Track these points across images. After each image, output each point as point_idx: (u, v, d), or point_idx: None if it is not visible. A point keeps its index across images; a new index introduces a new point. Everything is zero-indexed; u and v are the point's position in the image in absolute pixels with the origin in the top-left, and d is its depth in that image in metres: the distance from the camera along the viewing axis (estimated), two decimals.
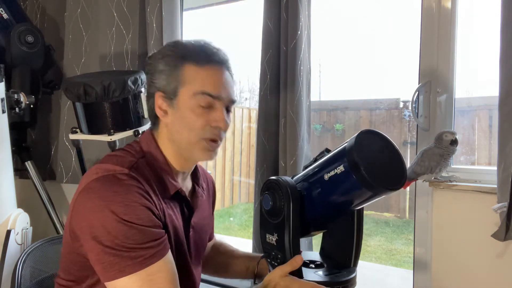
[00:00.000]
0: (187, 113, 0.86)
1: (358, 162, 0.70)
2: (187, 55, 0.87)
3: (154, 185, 0.85)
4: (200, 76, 0.86)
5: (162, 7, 1.80)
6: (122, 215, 0.76)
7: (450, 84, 1.41)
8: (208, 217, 1.07)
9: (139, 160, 0.86)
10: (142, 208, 0.78)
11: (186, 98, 0.86)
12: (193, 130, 0.85)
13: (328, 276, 0.83)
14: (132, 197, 0.78)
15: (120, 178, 0.79)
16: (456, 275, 1.35)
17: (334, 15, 3.62)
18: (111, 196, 0.78)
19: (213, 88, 0.86)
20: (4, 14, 1.90)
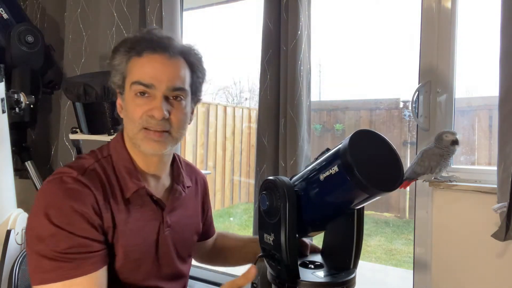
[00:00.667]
0: (129, 104, 0.87)
1: (351, 163, 0.69)
2: (132, 47, 0.87)
3: (110, 189, 0.85)
4: (137, 66, 0.86)
5: (162, 7, 1.80)
6: (54, 219, 0.77)
7: (450, 84, 1.41)
8: (194, 215, 1.06)
9: (99, 162, 0.88)
10: (78, 216, 0.78)
11: (127, 90, 0.87)
12: (134, 121, 0.86)
13: (327, 277, 0.82)
14: (70, 203, 0.78)
15: (65, 181, 0.80)
16: (456, 275, 1.35)
17: (334, 15, 3.62)
18: (50, 198, 0.79)
19: (146, 76, 0.85)
20: (4, 14, 1.90)
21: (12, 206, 1.63)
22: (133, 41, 0.88)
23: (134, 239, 0.87)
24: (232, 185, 5.16)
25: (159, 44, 0.87)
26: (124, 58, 0.88)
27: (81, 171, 0.84)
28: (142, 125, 0.85)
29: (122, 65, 0.88)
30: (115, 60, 0.89)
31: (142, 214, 0.89)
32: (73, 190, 0.80)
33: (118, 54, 0.89)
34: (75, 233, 0.77)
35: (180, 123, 0.88)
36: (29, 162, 1.95)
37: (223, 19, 4.04)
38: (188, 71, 0.91)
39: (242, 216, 4.95)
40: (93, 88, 1.51)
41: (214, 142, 4.85)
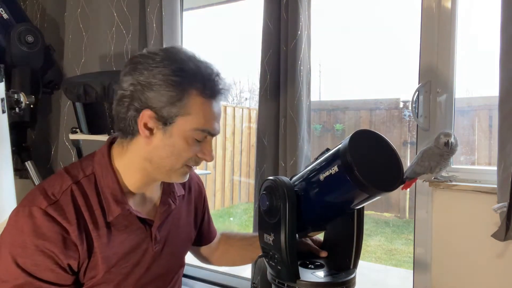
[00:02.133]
0: (180, 141, 0.81)
1: (351, 163, 0.69)
2: (196, 81, 0.80)
3: (89, 214, 0.80)
4: (203, 111, 0.81)
5: (162, 7, 1.80)
6: (19, 259, 0.74)
7: (450, 84, 1.41)
8: (186, 224, 1.03)
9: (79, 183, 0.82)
10: (44, 257, 0.75)
11: (183, 128, 0.80)
12: (181, 158, 0.83)
13: (327, 277, 0.82)
14: (36, 241, 0.75)
15: (33, 216, 0.76)
16: (456, 275, 1.35)
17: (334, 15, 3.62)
18: (17, 235, 0.76)
19: (213, 125, 0.84)
20: (4, 14, 1.90)
21: (12, 206, 1.61)
22: (198, 76, 0.80)
23: (118, 262, 0.84)
24: (232, 185, 5.16)
25: (223, 93, 0.85)
26: (180, 92, 0.79)
27: (52, 200, 0.78)
28: (188, 163, 0.85)
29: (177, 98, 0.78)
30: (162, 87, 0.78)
31: (128, 235, 0.86)
32: (40, 227, 0.75)
33: (171, 83, 0.78)
34: (38, 277, 0.75)
35: None
36: (29, 162, 1.95)
37: (223, 19, 4.04)
38: None
39: (242, 216, 4.95)
40: (93, 88, 1.51)
41: (214, 142, 4.84)
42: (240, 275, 1.89)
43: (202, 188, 1.12)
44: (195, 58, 0.83)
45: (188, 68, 0.80)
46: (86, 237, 0.80)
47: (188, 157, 0.84)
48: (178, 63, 0.80)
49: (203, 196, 1.12)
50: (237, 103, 5.94)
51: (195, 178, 1.11)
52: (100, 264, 0.82)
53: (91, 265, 0.81)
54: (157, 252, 0.92)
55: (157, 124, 0.80)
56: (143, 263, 0.90)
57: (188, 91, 0.79)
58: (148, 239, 0.90)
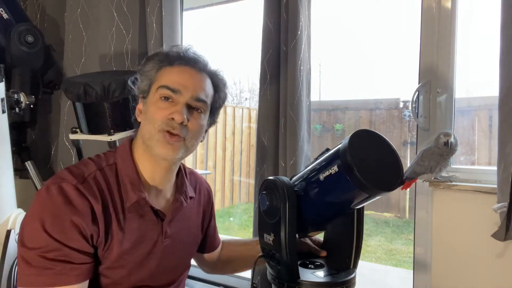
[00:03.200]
0: (151, 107, 0.90)
1: (351, 163, 0.70)
2: (165, 58, 0.92)
3: (110, 199, 0.86)
4: (166, 73, 0.91)
5: (162, 7, 1.80)
6: (48, 227, 0.78)
7: (450, 84, 1.41)
8: (195, 226, 1.07)
9: (102, 170, 0.89)
10: (72, 226, 0.80)
11: (152, 94, 0.91)
12: (153, 123, 0.88)
13: (327, 277, 0.82)
14: (66, 212, 0.79)
15: (64, 189, 0.81)
16: (456, 275, 1.35)
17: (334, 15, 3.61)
18: (47, 205, 0.80)
19: (174, 82, 0.89)
20: (4, 14, 1.90)
21: (12, 206, 1.62)
22: (166, 53, 0.93)
23: (130, 248, 0.88)
24: (232, 185, 5.16)
25: (191, 59, 0.92)
26: (155, 66, 0.92)
27: (81, 179, 0.85)
28: (162, 127, 0.87)
29: (152, 71, 0.92)
30: (146, 67, 0.93)
31: (142, 224, 0.90)
32: (71, 199, 0.81)
33: (151, 62, 0.93)
34: (65, 244, 0.79)
35: (196, 132, 0.91)
36: (29, 162, 1.95)
37: (223, 19, 4.04)
38: (212, 89, 0.95)
39: (242, 216, 4.95)
40: (93, 88, 1.51)
41: (214, 142, 4.85)
42: (240, 275, 1.89)
43: (211, 195, 1.15)
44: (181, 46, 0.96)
45: (162, 51, 0.96)
46: (106, 217, 0.85)
47: (159, 119, 0.87)
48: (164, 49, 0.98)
49: (211, 203, 1.15)
50: (237, 103, 5.94)
51: (205, 185, 1.14)
52: (114, 247, 0.86)
53: (107, 245, 0.85)
54: (166, 247, 0.95)
55: (142, 102, 0.94)
56: (154, 255, 0.93)
57: (156, 65, 0.92)
58: (159, 232, 0.93)
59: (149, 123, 0.89)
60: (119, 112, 1.56)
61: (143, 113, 0.92)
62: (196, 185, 1.09)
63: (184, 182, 1.01)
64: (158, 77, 0.91)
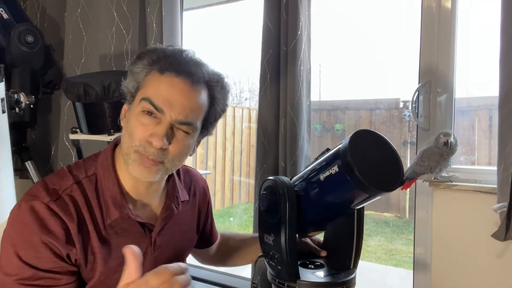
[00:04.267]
0: (133, 118, 0.80)
1: (351, 163, 0.69)
2: (157, 60, 0.80)
3: (89, 215, 0.80)
4: (154, 82, 0.79)
5: (162, 7, 1.80)
6: (20, 251, 0.75)
7: (450, 84, 1.41)
8: (189, 230, 1.01)
9: (80, 183, 0.82)
10: (45, 249, 0.75)
11: (136, 101, 0.81)
12: (132, 140, 0.79)
13: (327, 277, 0.82)
14: (38, 234, 0.75)
15: (35, 208, 0.76)
16: (456, 275, 1.35)
17: (334, 15, 3.62)
18: (18, 227, 0.77)
19: (159, 98, 0.77)
20: (4, 14, 1.90)
21: (12, 206, 1.62)
22: (161, 55, 0.81)
23: (117, 265, 0.81)
24: (232, 185, 5.16)
25: (185, 67, 0.79)
26: (145, 68, 0.81)
27: (55, 196, 0.78)
28: (138, 150, 0.78)
29: (140, 74, 0.81)
30: (136, 67, 0.82)
31: (127, 238, 0.83)
32: (42, 219, 0.76)
33: (141, 62, 0.82)
34: (40, 268, 0.75)
35: (177, 155, 0.81)
36: (29, 162, 1.95)
37: (223, 19, 4.04)
38: (207, 104, 0.83)
39: (242, 216, 4.95)
40: (93, 88, 1.51)
41: (214, 142, 4.85)
42: (240, 275, 1.89)
43: (207, 192, 1.10)
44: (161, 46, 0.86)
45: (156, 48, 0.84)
46: (83, 236, 0.79)
47: (138, 137, 0.78)
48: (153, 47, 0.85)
49: (208, 199, 1.10)
50: (237, 103, 5.94)
51: (201, 182, 1.09)
52: (98, 266, 0.81)
53: (89, 265, 0.81)
54: (156, 258, 0.89)
55: (128, 107, 0.84)
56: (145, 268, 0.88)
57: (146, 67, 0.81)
58: (147, 244, 0.87)
59: (128, 137, 0.80)
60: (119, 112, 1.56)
61: (126, 118, 0.83)
62: (191, 185, 1.02)
63: (175, 187, 0.93)
64: (145, 82, 0.80)
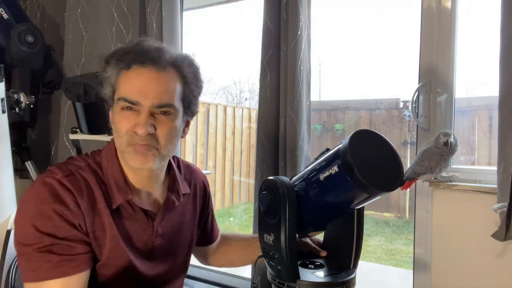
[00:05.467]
0: (116, 117, 0.85)
1: (351, 163, 0.69)
2: (120, 59, 0.84)
3: (99, 194, 0.85)
4: (125, 80, 0.84)
5: (162, 7, 1.80)
6: (35, 221, 0.78)
7: (450, 84, 1.41)
8: (190, 223, 1.04)
9: (90, 166, 0.87)
10: (60, 219, 0.79)
11: (115, 104, 0.86)
12: (120, 136, 0.84)
13: (327, 277, 0.82)
14: (52, 206, 0.79)
15: (48, 184, 0.81)
16: (456, 275, 1.35)
17: (334, 15, 3.62)
18: (33, 200, 0.81)
19: (131, 92, 0.82)
20: (4, 14, 1.90)
21: (12, 206, 1.62)
22: (122, 53, 0.85)
23: (122, 247, 0.87)
24: (232, 185, 5.16)
25: (148, 57, 0.83)
26: (114, 70, 0.85)
27: (67, 173, 0.83)
28: (128, 141, 0.83)
29: (112, 77, 0.86)
30: (106, 73, 0.87)
31: (131, 224, 0.89)
32: (54, 192, 0.80)
33: (109, 67, 0.86)
34: (56, 235, 0.78)
35: (167, 138, 0.85)
36: (29, 162, 1.95)
37: (223, 19, 4.05)
38: (180, 84, 0.86)
39: (242, 216, 4.95)
40: (93, 88, 1.51)
41: (214, 142, 4.86)
42: (240, 275, 1.90)
43: (207, 187, 1.12)
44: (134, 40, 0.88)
45: (116, 50, 0.87)
46: (95, 212, 0.84)
47: (124, 132, 0.83)
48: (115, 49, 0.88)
49: (208, 195, 1.12)
50: (237, 103, 5.95)
51: (201, 177, 1.11)
52: (108, 242, 0.85)
53: (99, 241, 0.85)
54: (158, 246, 0.93)
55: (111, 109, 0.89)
56: (146, 254, 0.92)
57: (114, 69, 0.85)
58: (150, 232, 0.92)
59: (118, 135, 0.85)
60: None
61: (113, 122, 0.88)
62: (191, 179, 1.05)
63: (176, 179, 0.97)
64: (118, 83, 0.85)
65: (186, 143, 4.46)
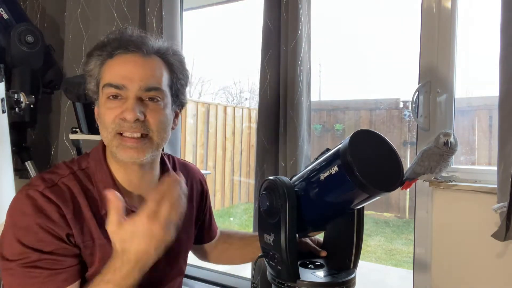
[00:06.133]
0: (102, 109, 0.82)
1: (351, 163, 0.69)
2: (103, 49, 0.83)
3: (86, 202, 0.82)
4: (109, 68, 0.82)
5: (162, 7, 1.80)
6: (20, 236, 0.76)
7: (450, 84, 1.41)
8: (187, 223, 1.01)
9: (75, 174, 0.84)
10: (45, 233, 0.77)
11: (100, 95, 0.83)
12: (107, 127, 0.81)
13: (327, 277, 0.82)
14: (36, 220, 0.77)
15: (31, 197, 0.78)
16: (456, 275, 1.35)
17: (334, 15, 3.62)
18: (17, 215, 0.78)
19: (117, 77, 0.80)
20: (4, 14, 1.90)
21: None
22: (105, 43, 0.83)
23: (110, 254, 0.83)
24: (232, 185, 5.16)
25: (131, 43, 0.82)
26: (97, 62, 0.83)
27: (50, 184, 0.81)
28: (116, 130, 0.80)
29: (95, 69, 0.84)
30: (89, 66, 0.84)
31: None
32: (38, 205, 0.78)
33: (91, 59, 0.84)
34: (42, 250, 0.76)
35: (160, 124, 0.82)
36: (29, 162, 1.94)
37: (223, 19, 4.05)
38: (166, 71, 0.85)
39: (242, 216, 4.95)
40: None
41: (214, 142, 4.86)
42: (240, 275, 1.89)
43: (204, 185, 1.11)
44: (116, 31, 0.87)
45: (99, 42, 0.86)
46: (81, 221, 0.81)
47: (110, 121, 0.80)
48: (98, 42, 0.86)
49: (205, 193, 1.11)
50: (237, 103, 5.95)
51: (198, 175, 1.10)
52: (97, 251, 0.83)
53: (89, 249, 0.82)
54: None
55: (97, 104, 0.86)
56: None
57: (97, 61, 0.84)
58: None
59: (103, 127, 0.82)
60: None
61: (98, 116, 0.85)
62: (188, 178, 1.03)
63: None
64: (102, 74, 0.83)
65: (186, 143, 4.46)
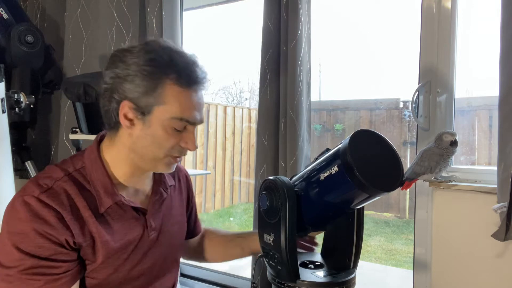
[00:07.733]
0: (159, 131, 0.83)
1: (351, 163, 0.69)
2: (170, 71, 0.81)
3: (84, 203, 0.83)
4: (179, 100, 0.82)
5: (162, 7, 1.81)
6: (18, 243, 0.76)
7: (450, 84, 1.41)
8: (180, 214, 1.06)
9: (70, 175, 0.85)
10: (43, 239, 0.77)
11: (161, 118, 0.82)
12: (163, 148, 0.85)
13: (327, 277, 0.82)
14: (33, 226, 0.77)
15: (27, 203, 0.78)
16: (456, 275, 1.35)
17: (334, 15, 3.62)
18: (13, 222, 0.79)
19: (191, 114, 0.84)
20: (4, 14, 1.90)
21: None
22: (173, 65, 0.81)
23: (117, 248, 0.87)
24: (232, 185, 5.16)
25: (200, 77, 0.85)
26: (156, 81, 0.80)
27: (45, 188, 0.81)
28: (171, 153, 0.86)
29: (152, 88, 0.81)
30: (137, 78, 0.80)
31: (123, 223, 0.88)
32: (35, 211, 0.78)
33: (145, 73, 0.80)
34: (39, 256, 0.77)
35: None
36: (29, 162, 1.95)
37: (223, 19, 4.05)
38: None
39: (242, 216, 4.95)
40: (93, 88, 1.51)
41: (214, 142, 4.85)
42: (240, 275, 1.90)
43: (189, 181, 1.14)
44: (171, 49, 0.84)
45: (160, 58, 0.82)
46: (80, 222, 0.82)
47: (169, 146, 0.85)
48: (152, 53, 0.82)
49: (190, 188, 1.14)
50: (237, 103, 5.94)
51: (183, 171, 1.13)
52: (100, 249, 0.84)
53: (90, 248, 0.84)
54: (153, 240, 0.94)
55: (136, 114, 0.83)
56: (140, 250, 0.92)
57: (162, 81, 0.81)
58: (143, 226, 0.92)
59: (157, 147, 0.84)
60: None
61: (138, 127, 0.84)
62: (175, 172, 1.06)
63: (162, 174, 0.99)
64: (166, 98, 0.81)
65: None
